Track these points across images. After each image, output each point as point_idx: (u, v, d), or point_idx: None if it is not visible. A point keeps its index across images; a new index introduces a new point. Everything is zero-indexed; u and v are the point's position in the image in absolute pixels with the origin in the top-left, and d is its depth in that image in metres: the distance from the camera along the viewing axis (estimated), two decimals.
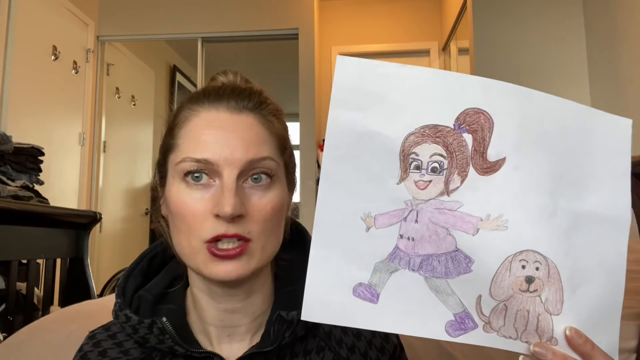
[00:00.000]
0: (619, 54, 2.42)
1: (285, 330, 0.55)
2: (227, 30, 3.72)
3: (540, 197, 0.43)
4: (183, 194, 0.53)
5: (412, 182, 0.43)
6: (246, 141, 0.53)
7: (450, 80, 0.44)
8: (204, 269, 0.53)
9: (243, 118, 0.55)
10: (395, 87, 0.43)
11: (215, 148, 0.52)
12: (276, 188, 0.55)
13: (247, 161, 0.52)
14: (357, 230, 0.44)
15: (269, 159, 0.54)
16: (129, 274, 0.62)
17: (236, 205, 0.50)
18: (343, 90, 0.44)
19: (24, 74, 2.86)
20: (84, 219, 1.87)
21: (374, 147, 0.43)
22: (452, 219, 0.43)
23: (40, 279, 1.82)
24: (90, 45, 3.61)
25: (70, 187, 3.35)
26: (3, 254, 1.51)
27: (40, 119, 3.03)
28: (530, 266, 0.43)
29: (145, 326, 0.56)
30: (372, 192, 0.44)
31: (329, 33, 4.12)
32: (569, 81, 2.81)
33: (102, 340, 0.60)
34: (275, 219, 0.55)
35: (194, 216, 0.52)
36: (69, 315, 0.97)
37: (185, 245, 0.54)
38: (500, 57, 2.91)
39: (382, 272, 0.44)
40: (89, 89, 3.57)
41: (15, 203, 1.59)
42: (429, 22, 4.10)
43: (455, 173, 0.43)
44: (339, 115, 0.44)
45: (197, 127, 0.54)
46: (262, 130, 0.55)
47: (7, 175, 1.75)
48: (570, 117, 0.44)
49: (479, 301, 0.43)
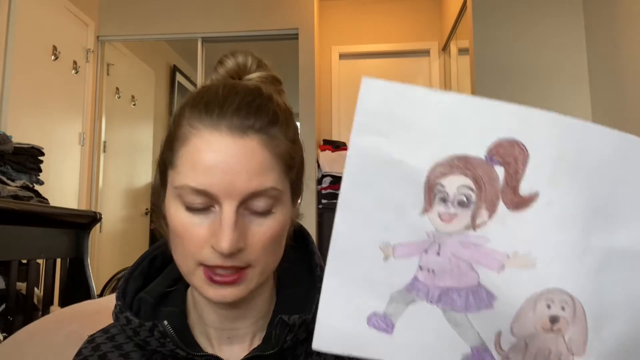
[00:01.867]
0: (619, 54, 2.42)
1: (287, 334, 0.54)
2: (227, 30, 3.73)
3: (572, 233, 0.40)
4: (182, 216, 0.51)
5: (436, 215, 0.41)
6: (249, 171, 0.49)
7: (483, 107, 0.41)
8: (200, 290, 0.53)
9: (247, 142, 0.50)
10: (423, 113, 0.40)
11: (215, 177, 0.49)
12: (277, 213, 0.52)
13: (249, 193, 0.49)
14: (374, 259, 0.42)
15: (272, 189, 0.51)
16: (129, 276, 0.62)
17: (234, 242, 0.48)
18: (367, 114, 0.42)
19: (24, 74, 2.86)
20: (84, 219, 1.87)
21: (397, 176, 0.41)
22: (477, 254, 0.41)
23: (40, 279, 1.82)
24: (90, 45, 3.61)
25: (70, 187, 3.35)
26: (3, 254, 1.51)
27: (40, 119, 3.03)
28: (556, 305, 0.40)
29: (146, 329, 0.55)
30: (393, 222, 0.42)
31: (329, 33, 4.12)
32: (569, 81, 2.81)
33: (101, 344, 0.59)
34: (276, 242, 0.54)
35: (190, 240, 0.51)
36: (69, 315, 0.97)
37: (182, 264, 0.53)
38: (500, 57, 2.91)
39: (399, 303, 0.42)
40: (89, 89, 3.57)
41: (15, 203, 1.59)
42: (429, 22, 4.10)
43: (483, 207, 0.40)
44: (361, 141, 0.42)
45: (196, 150, 0.50)
46: (267, 156, 0.50)
47: (7, 175, 1.75)
48: (610, 147, 0.41)
49: (499, 337, 0.41)
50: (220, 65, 0.59)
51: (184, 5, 3.75)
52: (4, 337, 1.37)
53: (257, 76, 0.59)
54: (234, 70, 0.59)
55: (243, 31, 3.71)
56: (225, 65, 0.59)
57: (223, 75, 0.59)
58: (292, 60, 3.67)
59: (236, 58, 0.59)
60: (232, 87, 0.54)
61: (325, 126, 4.04)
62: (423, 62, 4.10)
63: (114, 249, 3.77)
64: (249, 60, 0.59)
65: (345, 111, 4.08)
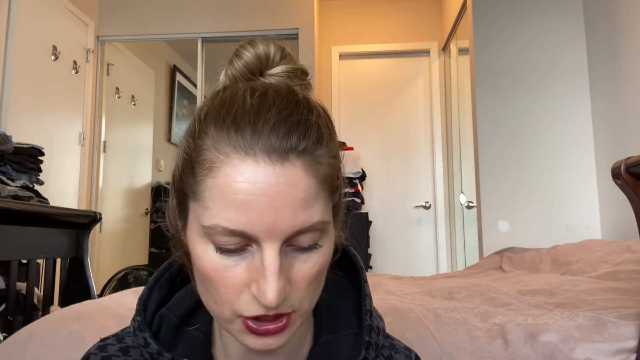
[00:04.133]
0: (619, 55, 2.42)
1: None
2: (227, 30, 3.73)
3: None
4: (213, 259, 0.43)
5: None
6: (293, 205, 0.41)
7: None
8: (240, 340, 0.45)
9: (289, 170, 0.41)
10: None
11: (253, 216, 0.40)
12: (324, 246, 0.45)
13: (294, 232, 0.41)
14: None
15: (319, 223, 0.43)
16: (154, 283, 0.54)
17: (281, 291, 0.41)
18: None
19: (24, 74, 2.86)
20: (84, 219, 1.87)
21: None
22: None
23: (40, 279, 1.82)
24: (90, 45, 3.61)
25: (70, 187, 3.35)
26: (3, 254, 1.51)
27: (40, 119, 3.03)
28: None
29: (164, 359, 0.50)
30: None
31: (329, 33, 4.12)
32: (569, 82, 2.81)
33: (112, 355, 0.53)
34: (321, 277, 0.46)
35: (226, 287, 0.42)
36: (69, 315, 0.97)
37: (216, 311, 0.45)
38: (500, 57, 2.91)
39: None
40: (89, 89, 3.57)
41: (15, 203, 1.59)
42: (429, 22, 4.10)
43: None
44: None
45: (227, 183, 0.41)
46: (312, 184, 0.42)
47: (7, 175, 1.75)
48: None
49: None
50: (237, 58, 0.50)
51: (184, 5, 3.75)
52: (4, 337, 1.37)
53: (282, 71, 0.49)
54: (255, 65, 0.49)
55: (243, 31, 3.71)
56: (243, 58, 0.49)
57: (241, 72, 0.49)
58: None
59: (256, 48, 0.49)
60: (263, 94, 0.44)
61: None
62: (423, 62, 4.10)
63: (114, 249, 3.77)
64: (272, 50, 0.49)
65: (345, 111, 4.07)
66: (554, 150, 2.78)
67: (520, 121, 2.84)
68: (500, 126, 2.86)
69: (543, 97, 2.82)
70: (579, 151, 2.75)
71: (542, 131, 2.81)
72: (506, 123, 2.86)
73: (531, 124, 2.82)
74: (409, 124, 4.03)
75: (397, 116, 4.04)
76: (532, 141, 2.81)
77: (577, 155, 2.75)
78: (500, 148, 2.84)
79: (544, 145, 2.80)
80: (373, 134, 4.01)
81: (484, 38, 2.95)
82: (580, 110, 2.77)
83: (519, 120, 2.84)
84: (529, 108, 2.83)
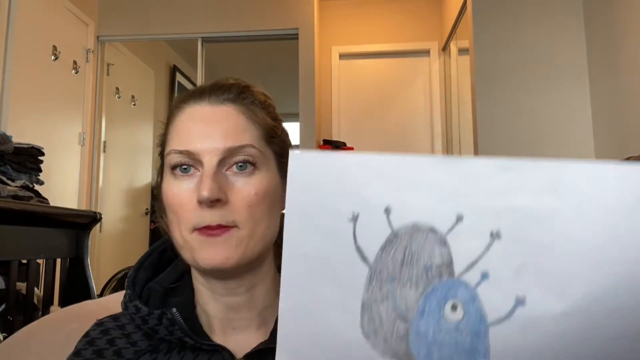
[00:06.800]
0: (619, 54, 2.42)
1: None
2: (227, 30, 3.73)
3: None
4: (172, 186, 0.55)
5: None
6: (225, 130, 0.55)
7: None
8: (195, 256, 0.54)
9: (223, 109, 0.56)
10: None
11: (196, 139, 0.54)
12: (261, 174, 0.56)
13: (226, 149, 0.54)
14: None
15: (250, 147, 0.55)
16: (139, 266, 0.63)
17: (213, 189, 0.51)
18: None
19: (24, 74, 2.86)
20: (84, 219, 1.87)
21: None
22: None
23: (40, 279, 1.82)
24: (90, 45, 3.61)
25: (70, 187, 3.35)
26: (3, 254, 1.51)
27: (40, 119, 3.03)
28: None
29: (155, 317, 0.56)
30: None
31: (329, 33, 4.12)
32: (569, 81, 2.81)
33: (110, 329, 0.60)
34: (264, 205, 0.55)
35: (180, 205, 0.54)
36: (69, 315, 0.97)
37: (177, 235, 0.55)
38: (500, 57, 2.91)
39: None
40: (89, 89, 3.57)
41: (15, 203, 1.59)
42: (429, 22, 4.10)
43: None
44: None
45: (181, 121, 0.57)
46: (242, 120, 0.56)
47: (7, 175, 1.74)
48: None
49: None
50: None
51: (184, 5, 3.75)
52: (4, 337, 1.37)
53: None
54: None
55: (243, 31, 3.71)
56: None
57: None
58: (292, 60, 3.67)
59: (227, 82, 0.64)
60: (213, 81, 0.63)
61: (325, 126, 4.04)
62: (423, 62, 4.10)
63: (114, 249, 3.77)
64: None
65: (345, 111, 4.07)
66: (554, 150, 2.78)
67: (520, 121, 2.84)
68: (500, 126, 2.86)
69: (543, 97, 2.82)
70: (579, 151, 2.75)
71: (542, 131, 2.81)
72: (506, 123, 2.86)
73: (531, 124, 2.82)
74: (409, 124, 4.03)
75: (397, 116, 4.04)
76: (532, 141, 2.81)
77: (577, 155, 2.75)
78: (501, 148, 2.84)
79: (544, 145, 2.80)
80: (373, 134, 4.00)
81: (484, 38, 2.95)
82: (580, 110, 2.77)
83: (519, 120, 2.84)
84: (529, 108, 2.83)
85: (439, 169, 0.35)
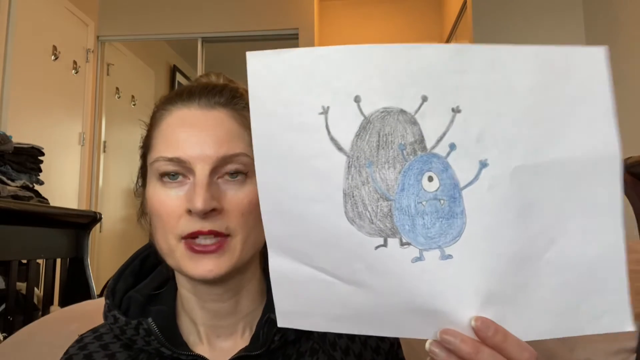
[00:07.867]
0: (619, 54, 2.42)
1: (275, 334, 0.54)
2: (227, 30, 3.73)
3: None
4: (159, 193, 0.53)
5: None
6: (218, 137, 0.52)
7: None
8: (183, 267, 0.52)
9: (215, 114, 0.54)
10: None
11: (186, 146, 0.52)
12: (253, 182, 0.52)
13: (219, 158, 0.51)
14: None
15: (243, 155, 0.53)
16: (119, 275, 0.61)
17: (207, 200, 0.49)
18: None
19: (24, 74, 2.86)
20: (84, 219, 1.87)
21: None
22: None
23: (40, 279, 1.82)
24: (90, 45, 3.61)
25: (70, 187, 3.35)
26: (3, 254, 1.51)
27: (40, 119, 3.03)
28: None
29: (132, 327, 0.55)
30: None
31: (329, 33, 4.12)
32: None
33: (88, 344, 0.59)
34: (257, 212, 0.50)
35: (168, 214, 0.52)
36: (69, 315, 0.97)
37: (163, 243, 0.53)
38: None
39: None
40: (89, 89, 3.57)
41: (15, 203, 1.59)
42: (429, 22, 4.10)
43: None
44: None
45: (169, 126, 0.54)
46: (235, 126, 0.54)
47: (7, 175, 1.75)
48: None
49: None
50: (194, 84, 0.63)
51: (184, 5, 3.75)
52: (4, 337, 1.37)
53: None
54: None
55: (243, 31, 3.71)
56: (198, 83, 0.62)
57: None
58: None
59: (209, 77, 0.62)
60: (198, 80, 0.61)
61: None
62: None
63: (114, 249, 3.76)
64: (221, 79, 0.62)
65: None
66: None
67: None
68: None
69: None
70: None
71: None
72: None
73: None
74: None
75: None
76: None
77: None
78: None
79: None
80: None
81: (484, 38, 2.95)
82: None
83: None
84: None
85: (402, 55, 0.39)
